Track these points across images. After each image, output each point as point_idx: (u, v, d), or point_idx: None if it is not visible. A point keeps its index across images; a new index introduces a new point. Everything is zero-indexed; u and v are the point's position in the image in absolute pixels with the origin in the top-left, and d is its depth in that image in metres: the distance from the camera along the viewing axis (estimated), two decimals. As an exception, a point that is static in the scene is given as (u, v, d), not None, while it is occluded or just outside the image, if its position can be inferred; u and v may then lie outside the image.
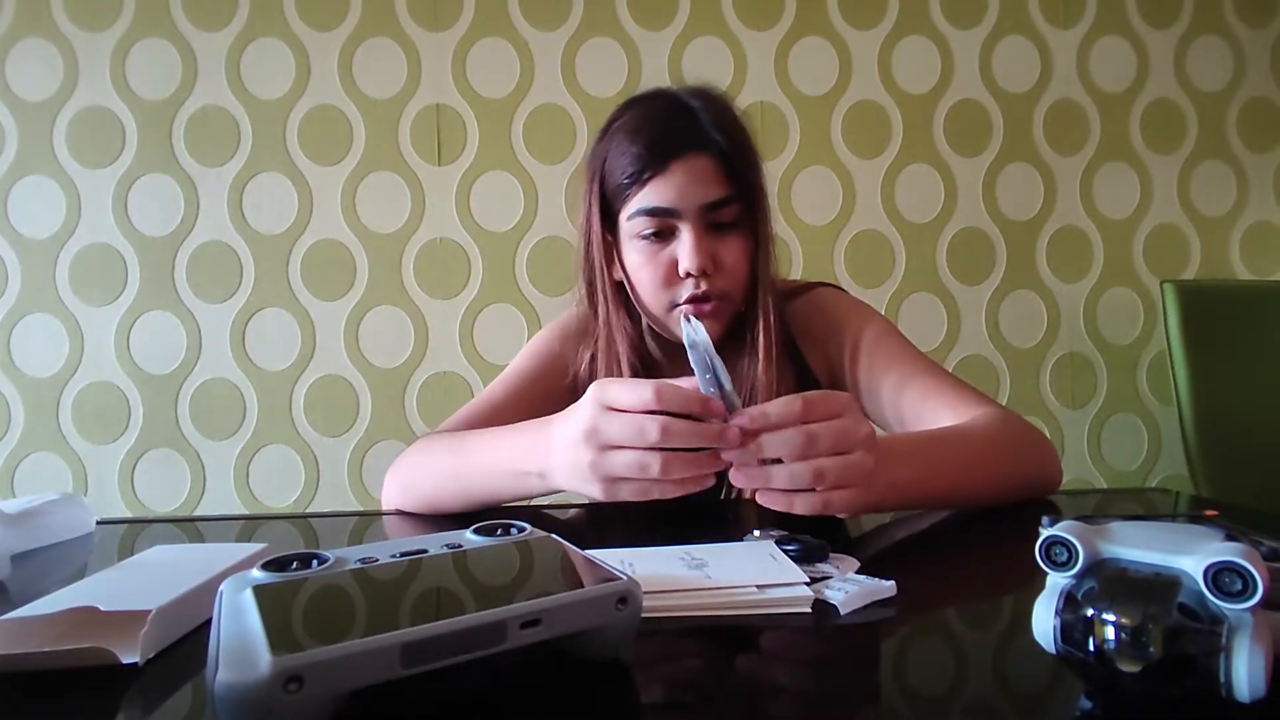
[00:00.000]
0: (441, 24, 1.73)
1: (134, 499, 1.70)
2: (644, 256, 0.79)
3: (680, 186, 0.76)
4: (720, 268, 0.78)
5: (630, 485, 0.54)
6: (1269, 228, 1.87)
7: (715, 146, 0.77)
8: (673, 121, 0.78)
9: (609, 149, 0.80)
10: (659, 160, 0.76)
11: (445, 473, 0.72)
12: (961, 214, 1.81)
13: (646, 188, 0.76)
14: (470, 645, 0.31)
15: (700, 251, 0.76)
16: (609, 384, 0.54)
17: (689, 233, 0.76)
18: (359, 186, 1.73)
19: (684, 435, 0.51)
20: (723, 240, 0.78)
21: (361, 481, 1.73)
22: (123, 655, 0.36)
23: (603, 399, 0.54)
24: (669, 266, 0.78)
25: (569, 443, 0.56)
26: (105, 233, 1.70)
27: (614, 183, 0.79)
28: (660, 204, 0.76)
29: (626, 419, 0.52)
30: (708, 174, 0.76)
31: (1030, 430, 0.74)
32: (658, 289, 0.79)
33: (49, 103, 1.69)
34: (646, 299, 0.81)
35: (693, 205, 0.76)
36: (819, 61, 1.79)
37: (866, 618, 0.42)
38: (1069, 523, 0.33)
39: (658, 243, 0.78)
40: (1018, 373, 1.82)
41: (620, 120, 0.81)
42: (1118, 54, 1.83)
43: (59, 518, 0.67)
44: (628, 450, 0.52)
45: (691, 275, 0.77)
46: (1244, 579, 0.27)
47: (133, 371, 1.70)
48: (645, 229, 0.78)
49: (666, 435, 0.51)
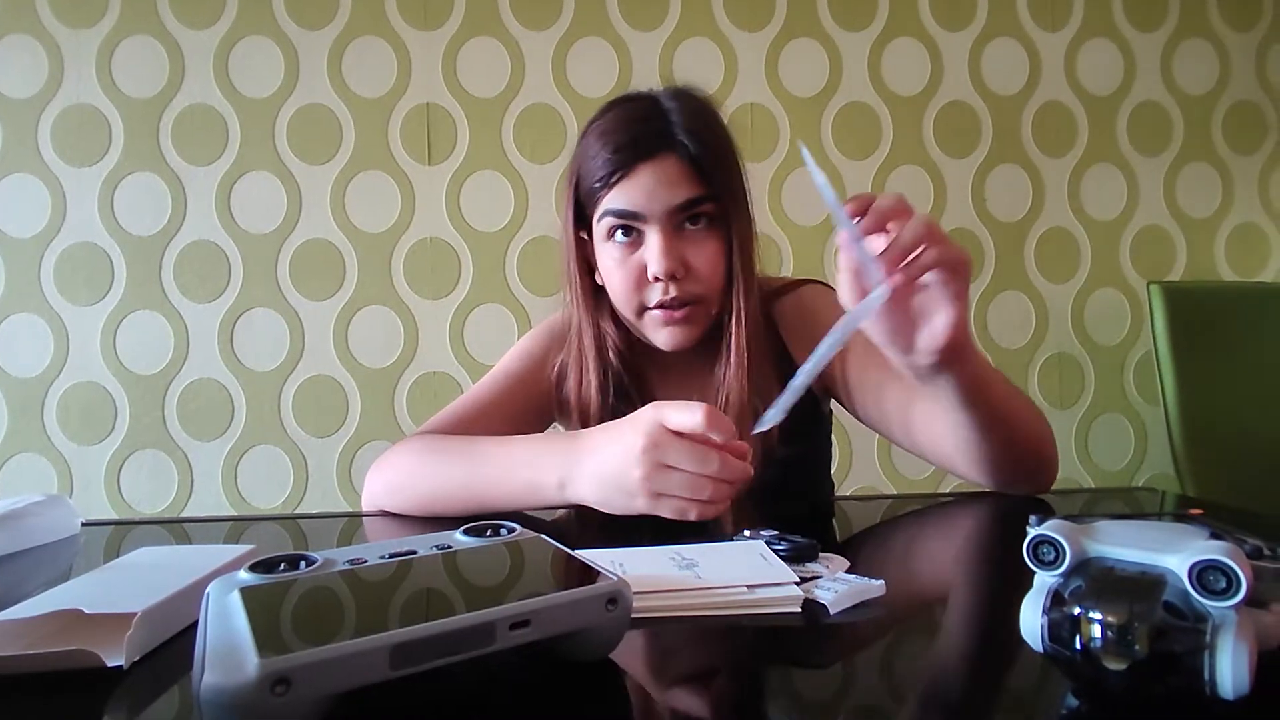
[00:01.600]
0: (432, 23, 1.73)
1: (120, 500, 1.69)
2: (615, 260, 0.79)
3: (647, 189, 0.75)
4: (691, 271, 0.77)
5: (674, 503, 0.58)
6: (1254, 229, 1.89)
7: (684, 149, 0.76)
8: (642, 124, 0.77)
9: (584, 150, 0.80)
10: (626, 163, 0.75)
11: (449, 478, 0.71)
12: (951, 215, 1.82)
13: (614, 190, 0.76)
14: (459, 646, 0.31)
15: (667, 255, 0.75)
16: (666, 406, 0.58)
17: (656, 236, 0.76)
18: (348, 186, 1.72)
19: (735, 471, 0.57)
20: (695, 243, 0.78)
21: (351, 482, 1.72)
22: (108, 658, 0.36)
23: (662, 419, 0.57)
24: (639, 270, 0.77)
25: (619, 456, 0.59)
26: (91, 231, 1.68)
27: (586, 186, 0.79)
28: (627, 206, 0.76)
29: (689, 444, 0.57)
30: (676, 175, 0.75)
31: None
32: (628, 292, 0.79)
33: (34, 100, 1.67)
34: (619, 303, 0.81)
35: (659, 208, 0.76)
36: (809, 63, 1.79)
37: (856, 617, 0.42)
38: (1056, 522, 0.33)
39: (628, 246, 0.78)
40: (1006, 373, 1.81)
41: (595, 123, 0.81)
42: (1105, 56, 1.85)
43: (43, 519, 0.67)
44: (684, 472, 0.57)
45: (660, 279, 0.76)
46: (1228, 577, 0.28)
47: (119, 372, 1.69)
48: (613, 231, 0.78)
49: (724, 468, 0.56)
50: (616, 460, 0.59)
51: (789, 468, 0.82)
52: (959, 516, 0.70)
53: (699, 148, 0.76)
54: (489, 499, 0.68)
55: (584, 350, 0.84)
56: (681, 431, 0.57)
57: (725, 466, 0.56)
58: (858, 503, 0.80)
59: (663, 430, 0.57)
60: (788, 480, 0.83)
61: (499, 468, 0.68)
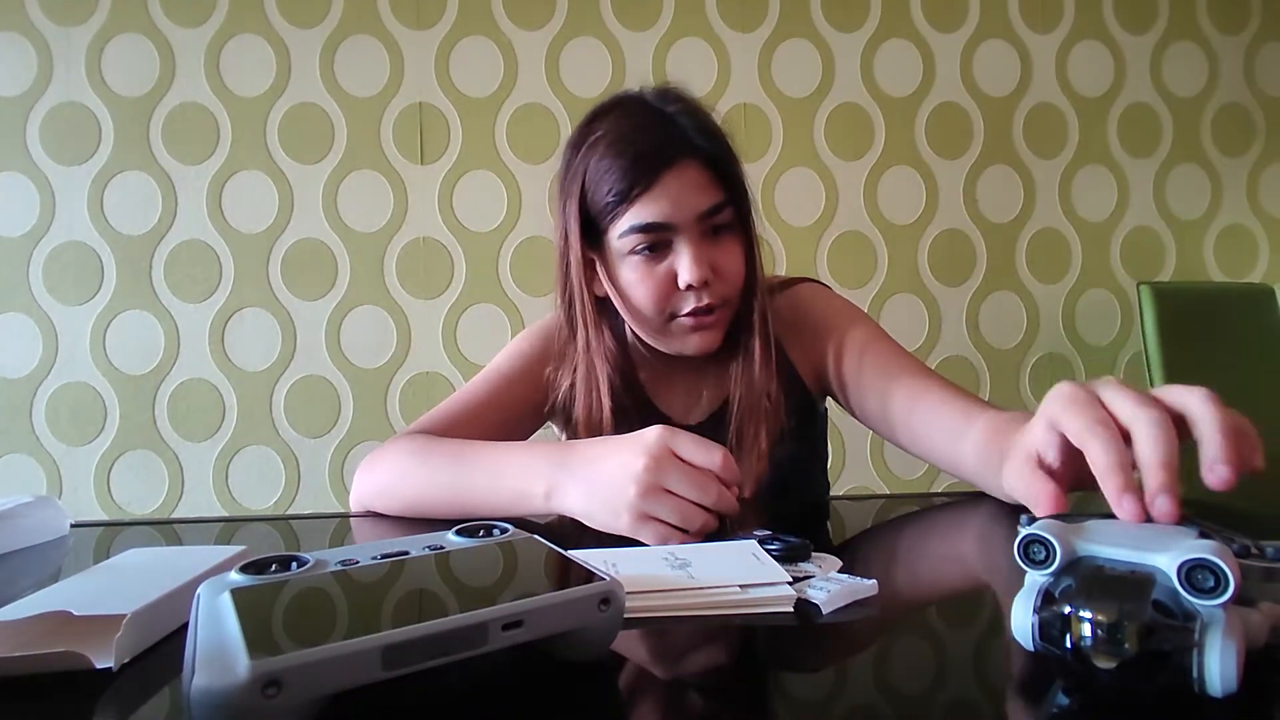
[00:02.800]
0: (425, 22, 1.72)
1: (110, 501, 1.68)
2: (639, 273, 0.76)
3: (674, 199, 0.73)
4: (719, 274, 0.76)
5: (660, 529, 0.56)
6: (1242, 230, 1.90)
7: (702, 152, 0.75)
8: (655, 131, 0.75)
9: (588, 165, 0.77)
10: (648, 174, 0.73)
11: (437, 482, 0.70)
12: (943, 216, 1.82)
13: (637, 204, 0.74)
14: (452, 647, 0.31)
15: (699, 263, 0.74)
16: (680, 435, 0.57)
17: (687, 245, 0.74)
18: (340, 185, 1.71)
19: (728, 505, 0.56)
20: (720, 246, 0.77)
21: (343, 483, 1.71)
22: (97, 660, 0.36)
23: (674, 447, 0.56)
24: (667, 280, 0.76)
25: (616, 471, 0.57)
26: (81, 231, 1.67)
27: (599, 201, 0.76)
28: (655, 219, 0.74)
29: (694, 473, 0.55)
30: (699, 182, 0.74)
31: None
32: (657, 303, 0.77)
33: (23, 98, 1.66)
34: (644, 314, 0.78)
35: (689, 217, 0.74)
36: (802, 64, 1.80)
37: (848, 617, 0.42)
38: (1047, 521, 0.33)
39: (653, 257, 0.76)
40: (997, 374, 1.84)
41: (597, 134, 0.77)
42: (1095, 58, 1.86)
43: (32, 520, 0.66)
44: (680, 499, 0.55)
45: (693, 287, 0.75)
46: (1216, 576, 0.28)
47: (109, 372, 1.68)
48: (639, 245, 0.75)
49: (720, 503, 0.55)
50: (612, 474, 0.57)
51: (785, 467, 0.82)
52: (951, 516, 0.70)
53: (715, 149, 0.76)
54: (476, 505, 0.67)
55: (594, 369, 0.81)
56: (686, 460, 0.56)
57: (722, 499, 0.56)
58: (851, 503, 0.80)
59: (668, 454, 0.56)
60: (784, 480, 0.83)
61: (488, 474, 0.67)
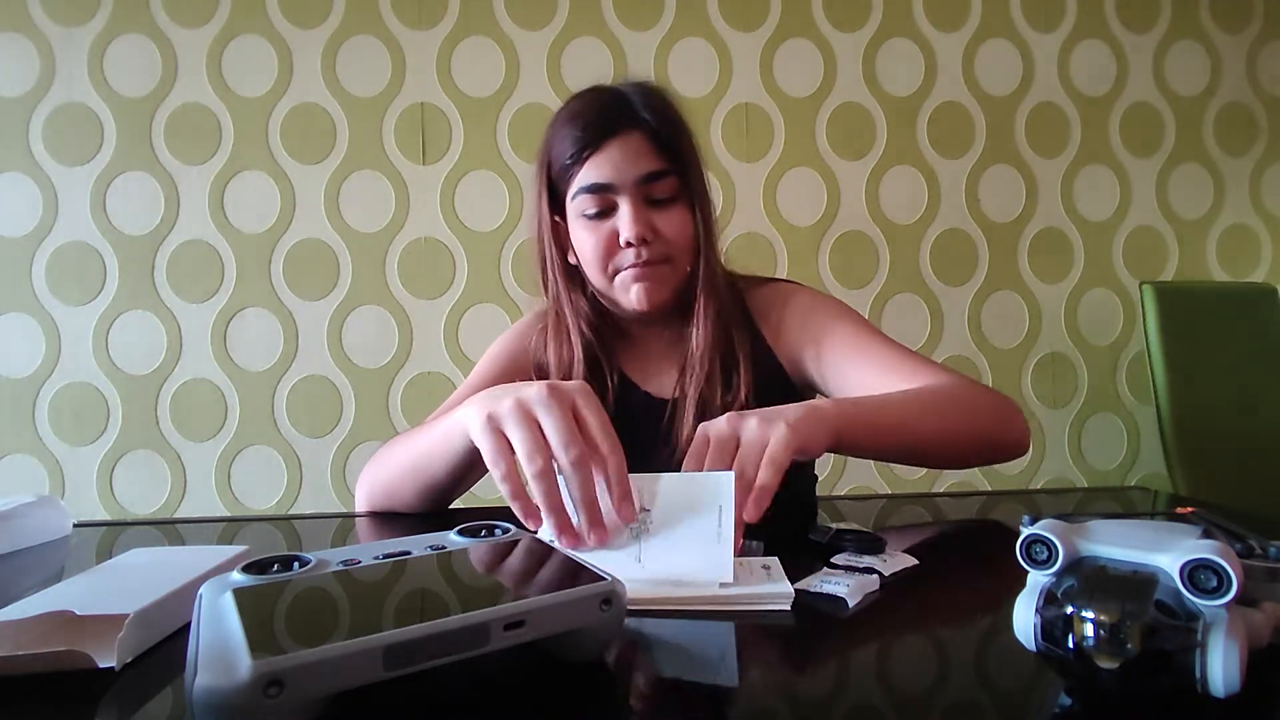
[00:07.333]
0: (426, 22, 1.72)
1: (113, 501, 1.68)
2: (587, 231, 0.84)
3: (616, 162, 0.81)
4: (660, 235, 0.83)
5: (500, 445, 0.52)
6: (1245, 230, 1.90)
7: (646, 125, 0.82)
8: (607, 105, 0.84)
9: (552, 137, 0.86)
10: (594, 140, 0.81)
11: (393, 462, 0.75)
12: (944, 215, 1.82)
13: (585, 165, 0.82)
14: (453, 647, 0.31)
15: (638, 221, 0.81)
16: (594, 401, 0.53)
17: (626, 204, 0.81)
18: (342, 185, 1.72)
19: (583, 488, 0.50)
20: (662, 213, 0.83)
21: (345, 483, 1.72)
22: (100, 659, 0.36)
23: (578, 400, 0.53)
24: (610, 237, 0.82)
25: (508, 390, 0.55)
26: (83, 231, 1.67)
27: (558, 166, 0.85)
28: (599, 180, 0.81)
29: (569, 427, 0.50)
30: (641, 150, 0.82)
31: (989, 391, 0.78)
32: (601, 259, 0.83)
33: (25, 98, 1.66)
34: (591, 270, 0.85)
35: (628, 179, 0.81)
36: (804, 63, 1.79)
37: (850, 616, 0.42)
38: (1049, 521, 0.33)
39: (600, 218, 0.83)
40: (999, 373, 1.83)
41: (561, 112, 0.88)
42: (1098, 58, 1.85)
43: (35, 520, 0.66)
44: (536, 435, 0.51)
45: (631, 244, 0.81)
46: (1219, 576, 0.28)
47: (111, 372, 1.68)
48: (588, 207, 0.82)
49: (577, 465, 0.49)
50: (500, 391, 0.55)
51: None
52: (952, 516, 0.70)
53: (659, 126, 0.83)
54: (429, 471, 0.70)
55: (563, 318, 0.88)
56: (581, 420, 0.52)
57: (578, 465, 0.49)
58: (852, 502, 0.80)
59: (566, 399, 0.52)
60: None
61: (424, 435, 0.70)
